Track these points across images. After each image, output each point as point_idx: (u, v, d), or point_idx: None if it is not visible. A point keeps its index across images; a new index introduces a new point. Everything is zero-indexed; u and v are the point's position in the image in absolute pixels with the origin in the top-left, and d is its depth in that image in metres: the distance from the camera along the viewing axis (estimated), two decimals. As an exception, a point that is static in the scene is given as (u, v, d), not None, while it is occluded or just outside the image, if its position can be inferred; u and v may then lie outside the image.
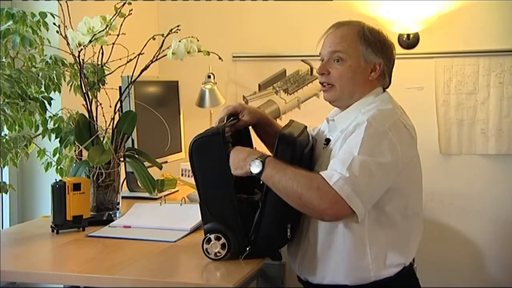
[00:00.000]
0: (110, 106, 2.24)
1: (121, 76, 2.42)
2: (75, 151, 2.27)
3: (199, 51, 2.20)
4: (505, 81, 3.17)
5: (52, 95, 2.32)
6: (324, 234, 1.86)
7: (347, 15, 2.18)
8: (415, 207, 1.91)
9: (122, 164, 2.29)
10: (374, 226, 1.83)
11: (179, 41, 2.17)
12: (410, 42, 3.24)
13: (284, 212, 1.82)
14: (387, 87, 1.99)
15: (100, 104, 2.24)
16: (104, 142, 2.23)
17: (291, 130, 1.89)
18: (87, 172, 2.19)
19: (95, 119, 2.23)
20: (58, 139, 2.33)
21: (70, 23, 2.15)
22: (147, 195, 2.39)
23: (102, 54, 2.22)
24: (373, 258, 1.83)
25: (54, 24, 2.15)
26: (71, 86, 2.38)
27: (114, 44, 2.19)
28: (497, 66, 3.17)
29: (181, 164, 3.05)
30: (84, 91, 2.21)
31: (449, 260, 3.29)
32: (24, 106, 2.19)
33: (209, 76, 3.27)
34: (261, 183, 2.06)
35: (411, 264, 1.95)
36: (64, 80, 2.37)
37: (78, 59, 2.17)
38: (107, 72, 2.30)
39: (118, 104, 2.28)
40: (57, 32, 2.14)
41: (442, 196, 3.22)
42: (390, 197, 1.83)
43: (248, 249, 1.79)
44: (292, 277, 2.06)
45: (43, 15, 2.31)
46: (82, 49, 2.14)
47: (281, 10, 3.39)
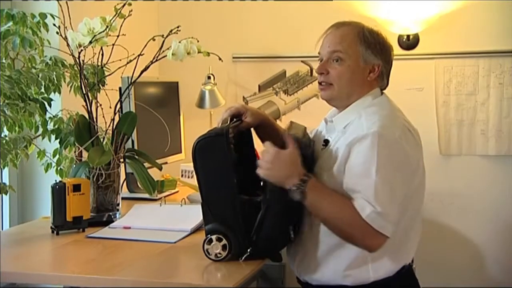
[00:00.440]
0: (110, 107, 2.24)
1: (121, 77, 2.42)
2: (75, 152, 2.27)
3: (199, 52, 2.20)
4: (505, 81, 3.17)
5: (52, 96, 2.32)
6: (323, 235, 1.86)
7: (347, 15, 2.18)
8: (416, 208, 1.91)
9: (122, 165, 2.29)
10: None
11: (179, 42, 2.17)
12: (410, 43, 3.24)
13: (287, 214, 1.83)
14: (384, 89, 1.99)
15: (100, 105, 2.24)
16: (104, 143, 2.23)
17: (293, 132, 1.90)
18: (87, 173, 2.19)
19: (95, 120, 2.23)
20: (58, 140, 2.33)
21: (70, 24, 2.15)
22: (147, 196, 2.39)
23: (102, 55, 2.22)
24: (372, 258, 1.83)
25: (54, 25, 2.15)
26: (71, 87, 2.38)
27: (114, 45, 2.19)
28: (497, 67, 3.17)
29: (181, 165, 3.05)
30: (84, 92, 2.21)
31: (448, 260, 3.29)
32: (24, 107, 2.19)
33: (209, 77, 3.27)
34: (262, 183, 2.06)
35: (410, 264, 1.95)
36: (64, 81, 2.37)
37: (78, 60, 2.17)
38: (107, 73, 2.30)
39: (118, 105, 2.28)
40: (57, 33, 2.14)
41: (442, 196, 3.22)
42: None
43: (249, 250, 1.79)
44: (292, 278, 2.06)
45: (43, 16, 2.31)
46: (82, 50, 2.14)
47: (281, 11, 3.39)
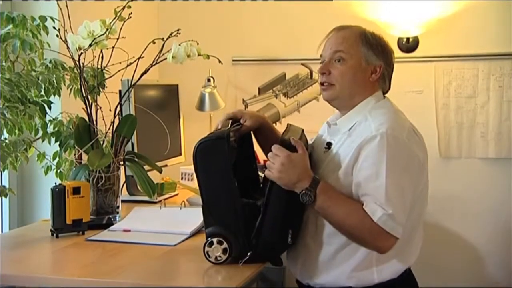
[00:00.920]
0: (110, 110, 2.24)
1: (121, 80, 2.42)
2: (74, 154, 2.27)
3: (199, 54, 2.20)
4: (504, 84, 3.17)
5: (52, 98, 2.32)
6: (327, 237, 1.86)
7: (347, 18, 2.19)
8: (420, 210, 1.91)
9: (122, 167, 2.29)
10: None
11: (179, 44, 2.17)
12: (409, 45, 3.25)
13: (285, 218, 1.82)
14: (386, 92, 1.99)
15: (100, 107, 2.24)
16: (104, 145, 2.23)
17: (291, 135, 1.90)
18: (86, 176, 2.19)
19: (95, 122, 2.23)
20: (58, 143, 2.33)
21: (70, 26, 2.15)
22: (146, 198, 2.38)
23: (102, 57, 2.22)
24: (377, 260, 1.83)
25: (54, 28, 2.15)
26: (71, 90, 2.38)
27: (114, 47, 2.19)
28: (496, 69, 3.17)
29: (181, 168, 3.05)
30: (84, 95, 2.21)
31: (448, 262, 3.29)
32: (24, 110, 2.19)
33: (208, 80, 3.27)
34: (261, 186, 2.06)
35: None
36: (64, 84, 2.37)
37: (78, 63, 2.17)
38: (107, 76, 2.30)
39: (118, 108, 2.28)
40: (57, 36, 2.14)
41: (442, 199, 3.22)
42: None
43: (249, 254, 1.78)
44: (292, 280, 2.06)
45: (43, 19, 2.31)
46: (82, 53, 2.14)
47: (281, 14, 3.39)
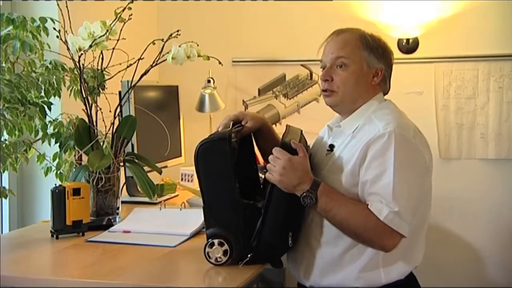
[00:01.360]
0: (110, 111, 2.24)
1: (121, 81, 2.42)
2: (74, 155, 2.26)
3: (199, 55, 2.20)
4: (504, 85, 3.17)
5: (52, 100, 2.32)
6: (333, 239, 1.85)
7: (347, 20, 2.19)
8: (425, 209, 1.91)
9: (122, 168, 2.29)
10: None
11: (179, 46, 2.17)
12: (409, 46, 3.25)
13: (286, 220, 1.83)
14: (386, 93, 2.00)
15: (100, 109, 2.24)
16: (104, 147, 2.23)
17: (291, 136, 1.90)
18: (86, 177, 2.19)
19: (95, 124, 2.23)
20: (58, 144, 2.33)
21: (70, 27, 2.15)
22: (146, 199, 2.38)
23: (102, 59, 2.22)
24: (384, 260, 1.83)
25: (54, 29, 2.15)
26: (71, 91, 2.38)
27: (114, 49, 2.19)
28: (496, 70, 3.17)
29: (181, 169, 3.05)
30: (84, 96, 2.21)
31: (448, 263, 3.29)
32: (24, 111, 2.19)
33: (208, 81, 3.27)
34: (261, 187, 2.05)
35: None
36: (64, 85, 2.37)
37: (78, 64, 2.17)
38: (107, 77, 2.30)
39: (118, 109, 2.27)
40: (57, 37, 2.14)
41: (442, 200, 3.21)
42: None
43: (249, 256, 1.78)
44: (292, 281, 2.06)
45: (43, 20, 2.31)
46: (82, 54, 2.14)
47: (281, 15, 3.39)
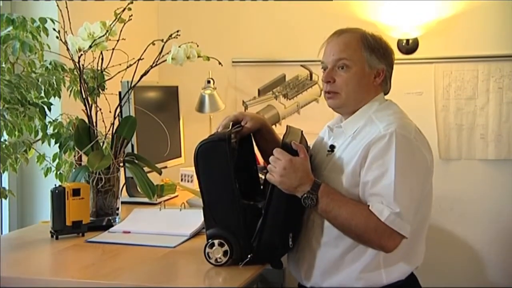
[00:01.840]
0: (110, 111, 2.24)
1: (120, 82, 2.42)
2: (74, 156, 2.26)
3: (199, 56, 2.20)
4: (504, 86, 3.17)
5: (51, 100, 2.33)
6: (334, 239, 1.85)
7: (347, 20, 2.19)
8: (426, 210, 1.92)
9: (122, 169, 2.29)
10: None
11: (179, 46, 2.17)
12: (409, 47, 3.25)
13: (286, 221, 1.82)
14: (387, 93, 2.00)
15: (100, 109, 2.24)
16: (103, 147, 2.23)
17: (291, 137, 1.90)
18: (86, 178, 2.19)
19: (94, 124, 2.23)
20: (58, 145, 2.33)
21: (70, 28, 2.15)
22: (146, 200, 2.38)
23: (102, 59, 2.22)
24: (385, 261, 1.83)
25: (54, 29, 2.15)
26: (70, 92, 2.38)
27: (114, 49, 2.19)
28: (496, 71, 3.17)
29: (180, 169, 3.05)
30: (84, 97, 2.21)
31: (448, 264, 3.28)
32: (24, 112, 2.19)
33: (208, 81, 3.27)
34: (262, 187, 2.05)
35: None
36: (64, 86, 2.37)
37: (78, 65, 2.17)
38: (107, 78, 2.30)
39: (118, 109, 2.27)
40: (57, 37, 2.14)
41: (441, 201, 3.22)
42: None
43: (249, 256, 1.78)
44: (292, 282, 2.06)
45: (43, 20, 2.31)
46: (82, 54, 2.14)
47: (280, 16, 3.39)
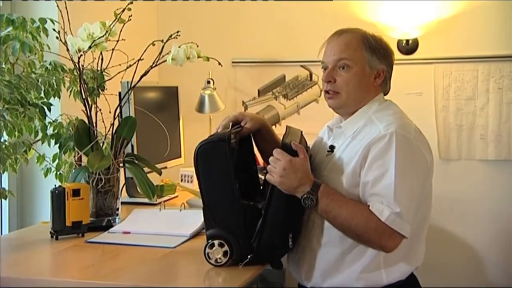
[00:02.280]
0: (110, 112, 2.24)
1: (120, 82, 2.42)
2: (74, 156, 2.27)
3: (199, 56, 2.20)
4: (504, 86, 3.17)
5: (51, 101, 2.33)
6: (334, 240, 1.85)
7: (347, 21, 2.19)
8: (426, 210, 1.92)
9: (122, 169, 2.29)
10: None
11: (179, 46, 2.17)
12: (409, 47, 3.25)
13: (286, 221, 1.82)
14: (387, 93, 2.00)
15: (100, 109, 2.24)
16: (103, 147, 2.23)
17: (291, 138, 1.90)
18: (86, 178, 2.19)
19: (94, 124, 2.23)
20: (58, 145, 2.33)
21: (70, 28, 2.15)
22: (146, 200, 2.39)
23: (102, 59, 2.22)
24: (385, 261, 1.83)
25: (54, 30, 2.15)
26: (70, 92, 2.38)
27: (113, 49, 2.19)
28: (496, 71, 3.17)
29: (180, 170, 3.05)
30: (84, 97, 2.21)
31: (448, 264, 3.28)
32: (24, 112, 2.19)
33: (208, 82, 3.27)
34: (261, 188, 2.05)
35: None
36: (64, 86, 2.37)
37: (77, 65, 2.17)
38: (106, 78, 2.30)
39: (118, 110, 2.28)
40: (56, 38, 2.14)
41: (441, 201, 3.22)
42: None
43: (249, 257, 1.78)
44: (292, 282, 2.06)
45: (43, 21, 2.31)
46: (81, 55, 2.14)
47: (280, 16, 3.39)
